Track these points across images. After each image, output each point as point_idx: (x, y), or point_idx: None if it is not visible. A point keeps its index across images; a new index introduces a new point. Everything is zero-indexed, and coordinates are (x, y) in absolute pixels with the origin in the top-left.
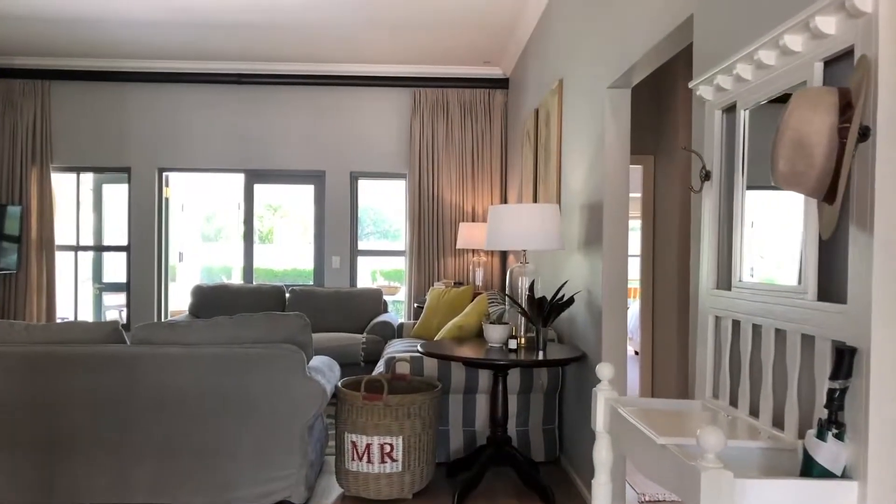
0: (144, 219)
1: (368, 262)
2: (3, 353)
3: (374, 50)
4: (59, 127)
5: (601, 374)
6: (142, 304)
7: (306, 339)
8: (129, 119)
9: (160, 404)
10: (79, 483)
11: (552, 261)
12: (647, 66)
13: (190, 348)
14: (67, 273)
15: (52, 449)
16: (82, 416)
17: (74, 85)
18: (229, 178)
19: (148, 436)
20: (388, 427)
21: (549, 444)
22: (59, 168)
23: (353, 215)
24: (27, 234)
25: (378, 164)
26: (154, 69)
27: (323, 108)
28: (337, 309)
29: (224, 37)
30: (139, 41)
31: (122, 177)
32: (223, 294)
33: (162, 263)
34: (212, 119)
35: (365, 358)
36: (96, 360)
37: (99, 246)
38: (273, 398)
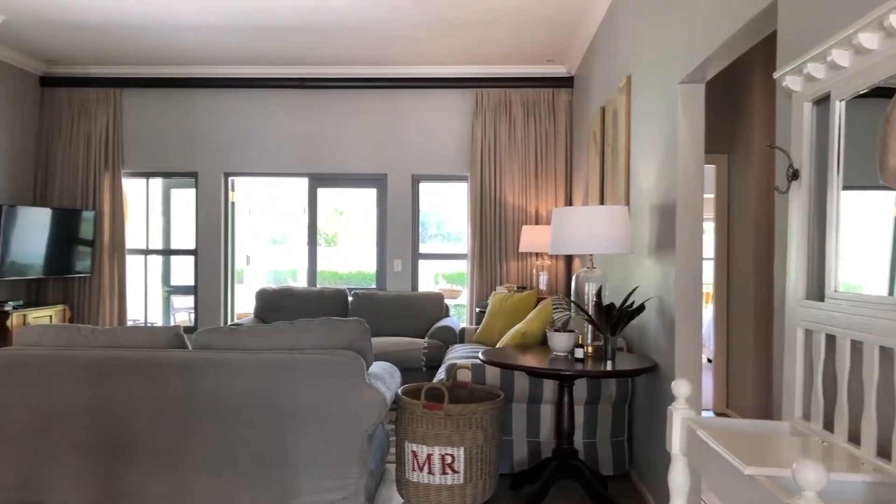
0: (211, 223)
1: (430, 265)
2: (70, 357)
3: (435, 52)
4: (130, 133)
5: (677, 391)
6: (209, 306)
7: (366, 345)
8: (195, 124)
9: (220, 411)
10: (141, 488)
11: (621, 265)
12: (724, 59)
13: (249, 354)
14: (138, 276)
15: (115, 454)
16: (144, 422)
17: (144, 92)
18: (294, 182)
19: (208, 442)
20: (448, 437)
21: (618, 458)
22: (129, 173)
23: (415, 218)
24: (100, 238)
25: (440, 167)
26: (220, 75)
27: (385, 110)
28: (398, 313)
29: (287, 41)
30: (205, 48)
31: (189, 181)
32: (287, 297)
33: (228, 266)
34: (276, 123)
35: (426, 363)
36: (157, 365)
37: (168, 249)
38: (332, 405)
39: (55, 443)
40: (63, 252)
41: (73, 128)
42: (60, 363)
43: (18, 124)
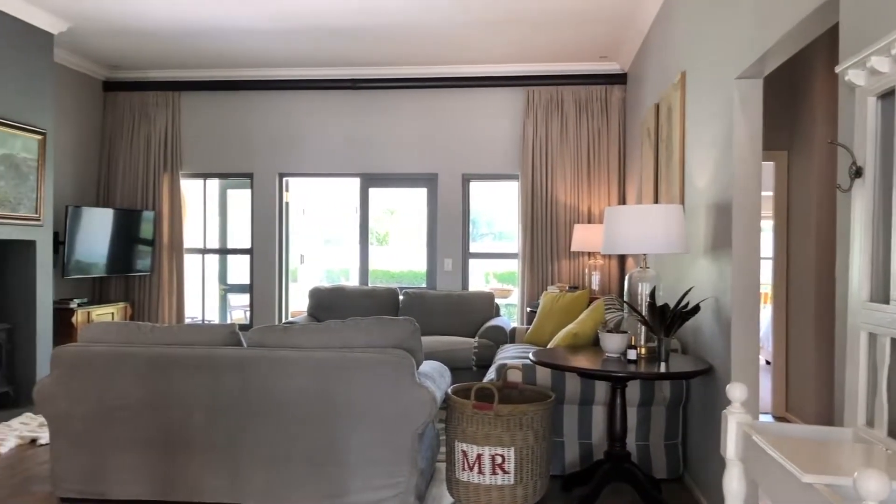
0: (266, 222)
1: (481, 264)
2: (131, 354)
3: (486, 50)
4: (188, 135)
5: (732, 395)
6: (264, 304)
7: (416, 344)
8: (251, 126)
9: (273, 407)
10: (197, 482)
11: (675, 265)
12: (783, 53)
13: (302, 352)
14: (195, 274)
15: (173, 447)
16: (201, 417)
17: (201, 95)
18: (346, 182)
19: (262, 438)
20: (499, 438)
21: (671, 461)
22: (187, 174)
23: (465, 217)
24: (159, 237)
25: (490, 166)
26: (273, 77)
27: (435, 110)
28: (449, 312)
29: (339, 43)
30: (259, 51)
31: (245, 182)
32: (339, 296)
33: (283, 265)
34: (328, 124)
35: (477, 363)
36: (214, 362)
37: (224, 249)
38: (382, 404)
39: (117, 436)
40: (124, 251)
41: (134, 131)
42: (122, 359)
43: (83, 128)
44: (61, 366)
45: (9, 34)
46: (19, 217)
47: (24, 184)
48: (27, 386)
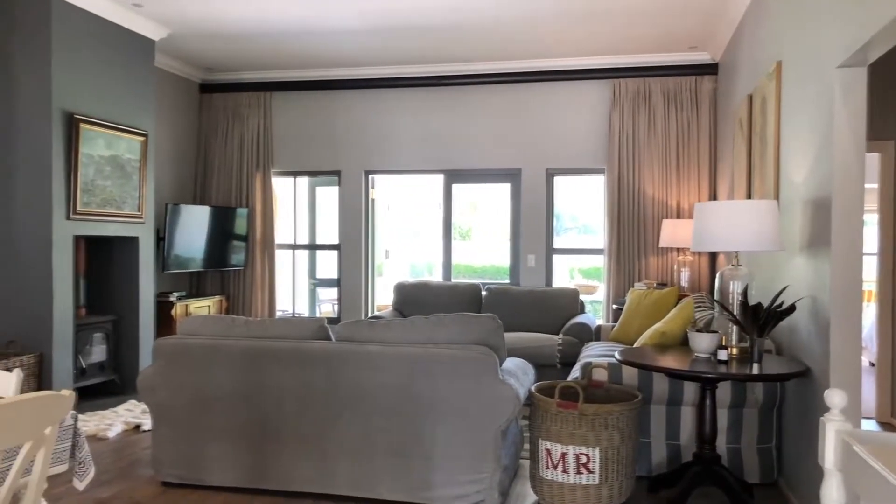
0: (353, 219)
1: (565, 259)
2: (226, 346)
3: (570, 43)
4: (279, 135)
5: (831, 401)
6: (351, 298)
7: (499, 341)
8: (338, 124)
9: (360, 401)
10: (288, 472)
11: (769, 263)
12: (890, 39)
13: (387, 347)
14: (286, 269)
15: (265, 438)
16: (291, 409)
17: (291, 95)
18: (430, 179)
19: (349, 431)
20: (583, 437)
21: (765, 465)
22: (278, 173)
23: (549, 212)
24: (253, 233)
25: (575, 160)
26: (360, 76)
27: (519, 105)
28: (532, 308)
29: (425, 41)
30: (347, 50)
31: (333, 179)
32: (423, 291)
33: (369, 260)
34: (413, 121)
35: (561, 360)
36: (303, 355)
37: (313, 244)
38: (465, 400)
39: (213, 425)
40: (220, 247)
41: (228, 131)
42: (217, 351)
43: (181, 129)
44: (162, 357)
45: (115, 42)
46: (124, 215)
47: (128, 183)
48: (131, 374)
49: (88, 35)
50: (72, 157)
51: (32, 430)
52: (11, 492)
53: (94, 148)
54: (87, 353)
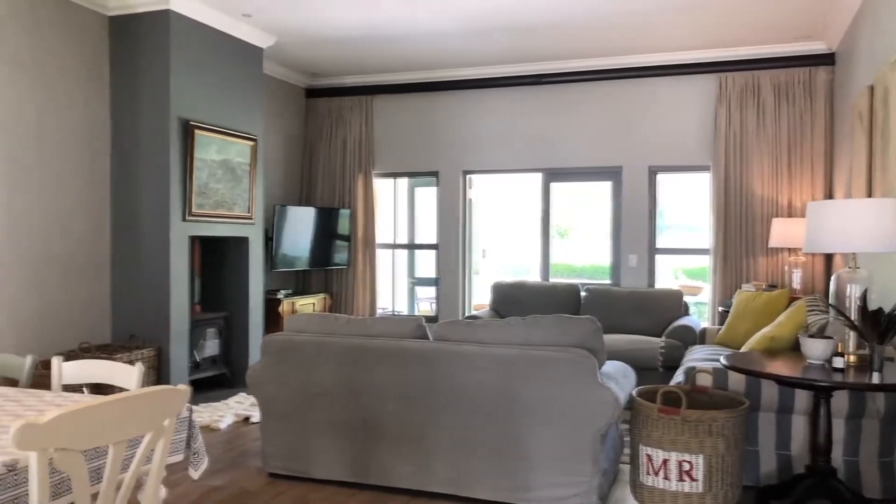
0: (451, 218)
1: (668, 259)
2: (329, 344)
3: (673, 37)
4: (380, 137)
5: None
6: (449, 297)
7: (598, 344)
8: (437, 125)
9: (457, 400)
10: (388, 468)
11: (891, 265)
12: None
13: (484, 347)
14: (387, 268)
15: (366, 434)
16: (391, 406)
17: (392, 98)
18: (528, 178)
19: (446, 429)
20: (686, 444)
21: (887, 480)
22: (379, 174)
23: (652, 211)
24: (355, 233)
25: (679, 157)
26: (459, 77)
27: (620, 101)
28: (633, 310)
29: (523, 40)
30: (446, 52)
31: (431, 180)
32: (520, 291)
33: (466, 260)
34: (512, 120)
35: (663, 363)
36: (402, 354)
37: (412, 244)
38: (563, 403)
39: (318, 420)
40: (324, 246)
41: (332, 134)
42: (321, 348)
43: (288, 133)
44: (269, 353)
45: (226, 51)
46: (235, 216)
47: (239, 186)
48: (241, 368)
49: (202, 46)
50: (187, 162)
51: (153, 422)
52: (135, 478)
53: (208, 153)
54: (200, 348)
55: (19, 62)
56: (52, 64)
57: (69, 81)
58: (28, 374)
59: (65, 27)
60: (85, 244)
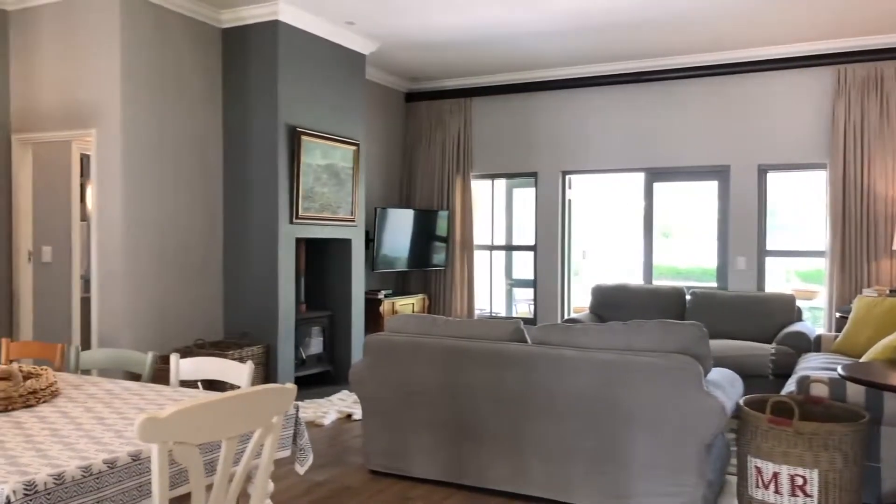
0: (549, 219)
1: (779, 262)
2: (427, 344)
3: (785, 28)
4: (478, 138)
5: None
6: (547, 299)
7: (703, 350)
8: (535, 126)
9: (555, 404)
10: (484, 469)
11: None
12: None
13: (584, 352)
14: (484, 269)
15: (462, 434)
16: (487, 408)
17: (490, 99)
18: (630, 177)
19: (544, 433)
20: (799, 457)
21: None
22: (477, 175)
23: (761, 212)
24: (453, 235)
25: (791, 155)
26: (556, 77)
27: (726, 98)
28: (741, 315)
29: (622, 38)
30: (544, 52)
31: (529, 181)
32: (621, 294)
33: (565, 261)
34: (612, 120)
35: (773, 371)
36: (499, 356)
37: (510, 245)
38: (666, 411)
39: (416, 419)
40: (423, 248)
41: (431, 137)
42: (419, 349)
43: (388, 137)
44: (370, 352)
45: (330, 58)
46: (339, 218)
47: (342, 189)
48: (344, 366)
49: (308, 54)
50: (294, 167)
51: (262, 419)
52: (246, 472)
53: (313, 157)
54: (306, 345)
55: (144, 76)
56: (171, 76)
57: (186, 92)
58: (149, 369)
59: (184, 41)
60: (200, 246)
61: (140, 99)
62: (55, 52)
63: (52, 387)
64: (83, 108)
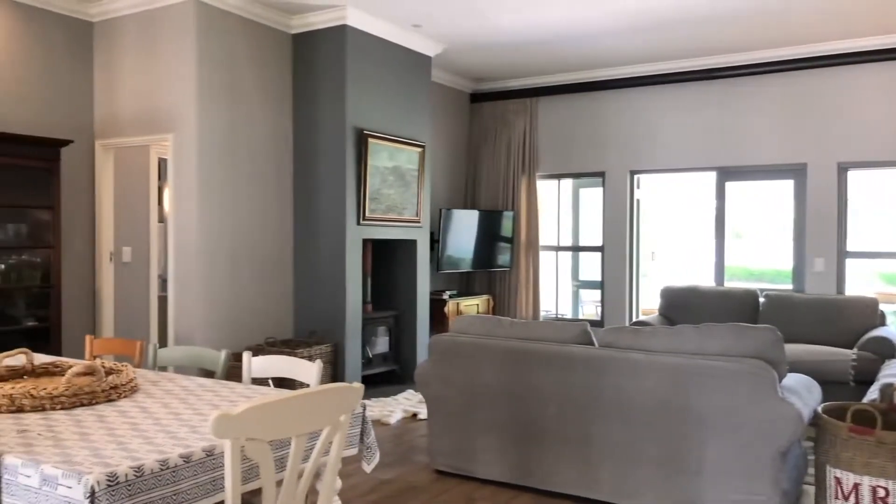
0: (617, 220)
1: (862, 264)
2: (492, 346)
3: (867, 19)
4: (543, 138)
5: None
6: (614, 301)
7: (778, 355)
8: (602, 125)
9: (623, 408)
10: (550, 472)
11: None
12: None
13: (652, 356)
14: (550, 270)
15: (529, 436)
16: (553, 410)
17: (555, 99)
18: (701, 177)
19: (612, 437)
20: (882, 468)
21: None
22: (543, 176)
23: (841, 211)
24: (518, 235)
25: (873, 152)
26: (624, 75)
27: (803, 94)
28: (819, 318)
29: (692, 34)
30: (611, 50)
31: (596, 181)
32: (692, 296)
33: (633, 263)
34: (682, 118)
35: (855, 378)
36: (564, 359)
37: (576, 246)
38: (738, 417)
39: (481, 420)
40: (487, 248)
41: (496, 137)
42: (484, 350)
43: (453, 138)
44: (436, 353)
45: (396, 61)
46: (404, 220)
47: (408, 191)
48: (409, 365)
49: (374, 57)
50: (361, 169)
51: (331, 417)
52: (314, 469)
53: (380, 160)
54: (372, 345)
55: (217, 82)
56: (243, 82)
57: (258, 97)
58: (223, 366)
59: (255, 48)
60: (270, 247)
61: (214, 104)
62: (135, 60)
63: (131, 382)
64: (161, 114)
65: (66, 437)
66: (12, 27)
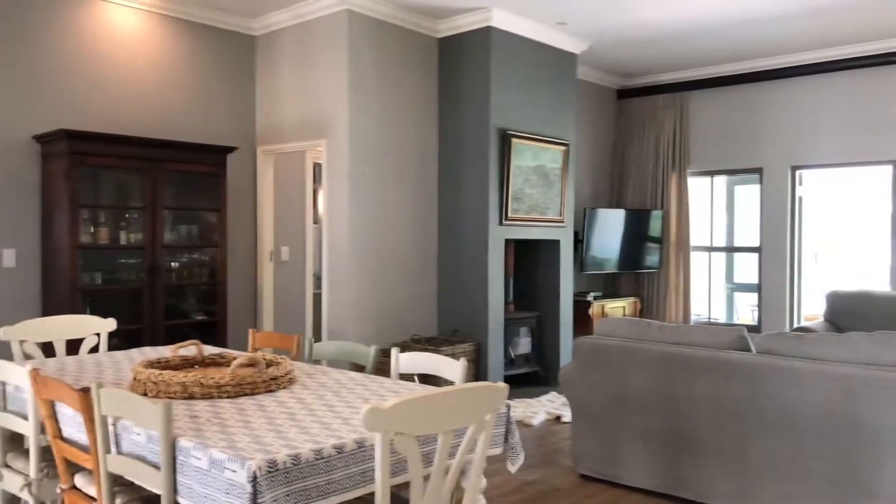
0: (776, 219)
1: None
2: (640, 350)
3: None
4: (695, 134)
5: None
6: (772, 305)
7: None
8: (761, 118)
9: (784, 420)
10: (703, 483)
11: None
12: None
13: (818, 364)
14: (702, 272)
15: (680, 445)
16: (706, 419)
17: (708, 93)
18: (871, 171)
19: (772, 450)
20: None
21: None
22: (694, 173)
23: None
24: (667, 236)
25: None
26: (787, 64)
27: None
28: None
29: (858, 16)
30: (767, 38)
31: (753, 178)
32: (863, 302)
33: (794, 265)
34: (848, 108)
35: None
36: (719, 366)
37: (731, 247)
38: None
39: (628, 426)
40: (634, 249)
41: (644, 134)
42: (631, 354)
43: (599, 136)
44: (580, 355)
45: (540, 60)
46: (547, 220)
47: (551, 190)
48: (552, 367)
49: (518, 57)
50: (504, 169)
51: (476, 415)
52: (460, 466)
53: (523, 160)
54: (514, 345)
55: (368, 87)
56: (392, 86)
57: (406, 100)
58: (373, 362)
59: (404, 53)
60: (416, 247)
61: (364, 110)
62: (293, 70)
63: (289, 374)
64: (315, 121)
65: (230, 424)
66: (184, 44)
